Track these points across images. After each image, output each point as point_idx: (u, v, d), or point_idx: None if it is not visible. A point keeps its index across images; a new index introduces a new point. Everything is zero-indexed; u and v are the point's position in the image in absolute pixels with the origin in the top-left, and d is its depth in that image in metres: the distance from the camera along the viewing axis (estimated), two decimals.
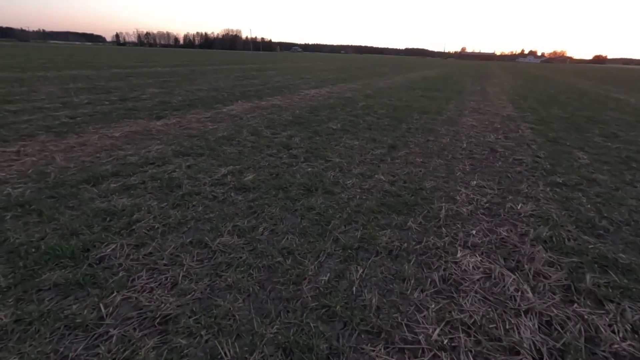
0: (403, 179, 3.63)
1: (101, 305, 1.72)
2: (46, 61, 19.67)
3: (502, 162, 4.44)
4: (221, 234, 2.43)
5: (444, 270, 2.11)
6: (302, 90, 11.28)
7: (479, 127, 6.57)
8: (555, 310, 1.79)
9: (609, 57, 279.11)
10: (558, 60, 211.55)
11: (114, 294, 1.80)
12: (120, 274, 1.96)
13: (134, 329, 1.60)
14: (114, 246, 2.21)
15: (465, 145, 5.16)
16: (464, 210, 2.96)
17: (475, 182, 3.66)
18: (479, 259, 2.24)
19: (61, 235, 2.30)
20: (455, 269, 2.11)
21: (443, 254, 2.28)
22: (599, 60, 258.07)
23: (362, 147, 4.81)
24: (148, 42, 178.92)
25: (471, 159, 4.53)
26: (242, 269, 2.05)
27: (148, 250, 2.20)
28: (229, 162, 3.97)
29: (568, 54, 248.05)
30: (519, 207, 3.04)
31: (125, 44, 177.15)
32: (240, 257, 2.17)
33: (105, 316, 1.67)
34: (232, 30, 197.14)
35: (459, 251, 2.32)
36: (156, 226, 2.49)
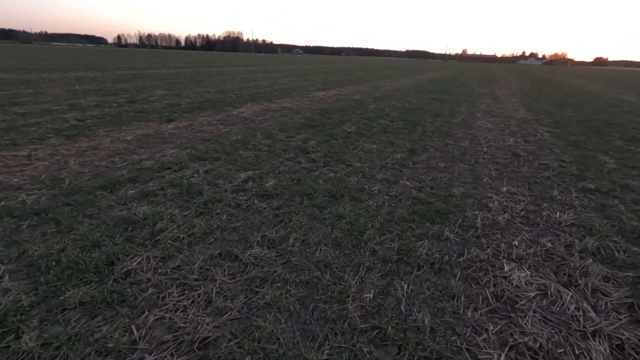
0: (430, 185, 3.49)
1: (133, 327, 1.58)
2: (50, 63, 19.61)
3: (528, 166, 4.30)
4: (250, 245, 2.29)
5: (494, 286, 1.97)
6: (310, 92, 11.15)
7: (495, 130, 6.42)
8: (625, 333, 1.64)
9: (610, 59, 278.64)
10: (559, 62, 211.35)
11: (146, 314, 1.66)
12: (150, 291, 1.82)
13: (172, 354, 1.46)
14: (139, 259, 2.07)
15: (486, 149, 5.02)
16: (500, 219, 2.82)
17: (505, 188, 3.51)
18: (528, 273, 2.09)
19: (82, 247, 2.16)
20: (506, 285, 1.97)
21: (489, 268, 2.14)
22: (600, 62, 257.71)
23: (381, 151, 4.67)
24: (150, 44, 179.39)
25: (495, 163, 4.38)
26: (278, 284, 1.91)
27: (176, 263, 2.07)
28: (247, 166, 3.84)
29: (569, 56, 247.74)
30: (557, 216, 2.89)
31: (127, 45, 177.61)
32: (275, 271, 2.03)
33: (138, 340, 1.53)
34: (233, 32, 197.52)
35: (505, 264, 2.17)
36: (181, 236, 2.35)
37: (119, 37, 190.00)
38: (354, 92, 11.88)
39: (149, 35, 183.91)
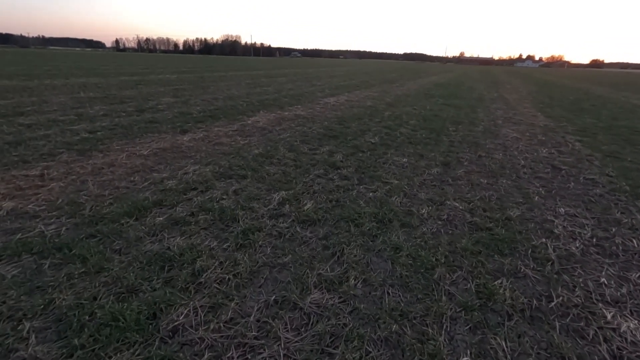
0: (481, 207, 3.21)
1: None
2: (51, 68, 19.30)
3: (574, 182, 4.02)
4: (308, 288, 2.00)
5: (606, 341, 1.68)
6: (320, 98, 10.89)
7: (523, 139, 6.16)
8: None
9: (606, 61, 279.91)
10: (556, 65, 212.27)
11: None
12: (207, 355, 1.53)
13: None
14: (185, 310, 1.78)
15: (522, 161, 4.75)
16: (573, 248, 2.54)
17: (562, 209, 3.24)
18: (637, 322, 1.81)
19: (117, 295, 1.87)
20: (619, 341, 1.68)
21: (589, 316, 1.85)
22: (596, 64, 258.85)
23: (414, 166, 4.40)
24: (148, 48, 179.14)
25: (538, 178, 4.11)
26: (354, 344, 1.62)
27: (228, 315, 1.77)
28: (278, 185, 3.55)
29: (566, 58, 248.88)
30: (635, 244, 2.62)
31: (125, 49, 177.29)
32: (344, 324, 1.74)
33: None
34: (231, 36, 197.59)
35: (605, 311, 1.89)
36: (226, 277, 2.06)
37: (117, 41, 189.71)
38: (363, 97, 11.63)
39: (147, 39, 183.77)
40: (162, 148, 4.70)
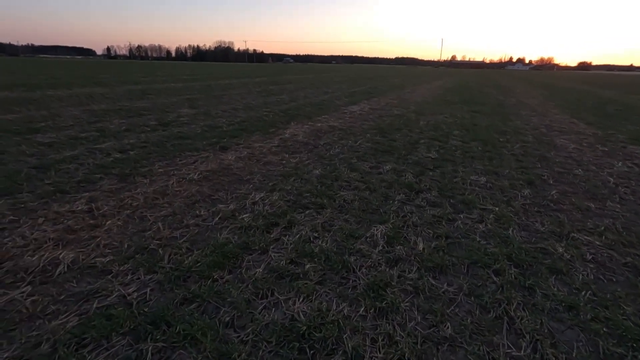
0: (619, 241, 2.74)
1: None
2: (48, 77, 18.59)
3: None
4: None
5: None
6: (342, 107, 10.44)
7: (585, 150, 5.76)
8: None
9: (594, 63, 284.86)
10: (546, 67, 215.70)
11: None
12: None
13: None
14: None
15: (610, 178, 4.32)
16: None
17: None
18: None
19: None
20: None
21: None
22: (584, 66, 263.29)
23: (498, 186, 3.93)
24: (140, 55, 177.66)
25: None
26: None
27: None
28: (367, 216, 3.05)
29: (555, 61, 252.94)
30: None
31: (116, 57, 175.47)
32: None
33: None
34: (224, 42, 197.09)
35: None
36: None
37: (108, 49, 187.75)
38: (385, 105, 11.21)
39: (139, 47, 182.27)
40: (210, 170, 4.17)
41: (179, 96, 11.90)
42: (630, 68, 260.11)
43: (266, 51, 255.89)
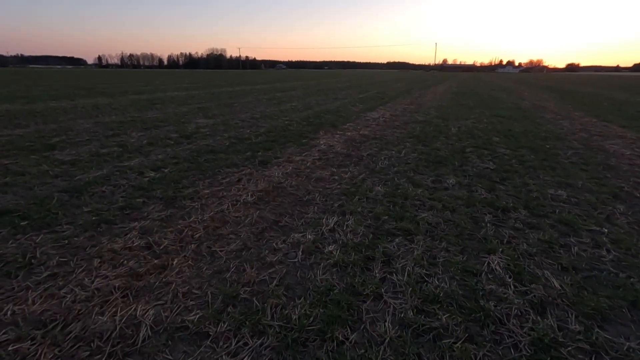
0: None
1: None
2: (47, 88, 18.00)
3: None
4: None
5: None
6: (360, 114, 10.08)
7: None
8: None
9: (582, 65, 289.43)
10: (535, 70, 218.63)
11: None
12: None
13: None
14: None
15: None
16: None
17: None
18: None
19: None
20: None
21: None
22: (572, 68, 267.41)
23: (584, 201, 3.57)
24: (132, 64, 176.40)
25: None
26: None
27: None
28: (465, 243, 2.65)
29: (544, 63, 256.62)
30: None
31: (108, 66, 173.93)
32: None
33: None
34: (216, 50, 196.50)
35: None
36: None
37: (99, 58, 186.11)
38: (403, 110, 10.87)
39: (131, 55, 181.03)
40: (263, 190, 3.74)
41: (188, 105, 11.45)
42: (617, 69, 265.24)
43: (258, 58, 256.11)
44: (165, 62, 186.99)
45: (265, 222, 3.00)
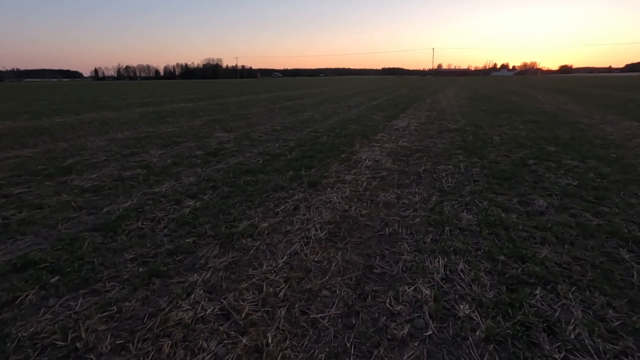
0: None
1: None
2: (48, 102, 17.41)
3: None
4: None
5: None
6: (386, 122, 9.54)
7: None
8: None
9: (575, 66, 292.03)
10: (529, 72, 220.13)
11: None
12: None
13: None
14: None
15: None
16: None
17: None
18: None
19: None
20: None
21: None
22: (566, 69, 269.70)
23: None
24: (128, 76, 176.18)
25: None
26: None
27: None
28: (623, 293, 2.05)
29: (538, 66, 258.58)
30: None
31: (104, 78, 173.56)
32: None
33: None
34: (212, 59, 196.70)
35: None
36: None
37: (95, 70, 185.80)
38: (428, 118, 10.33)
39: (127, 67, 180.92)
40: (332, 221, 3.14)
41: (200, 118, 10.88)
42: (610, 70, 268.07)
43: (254, 66, 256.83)
44: (162, 73, 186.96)
45: (355, 268, 2.40)
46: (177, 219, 3.20)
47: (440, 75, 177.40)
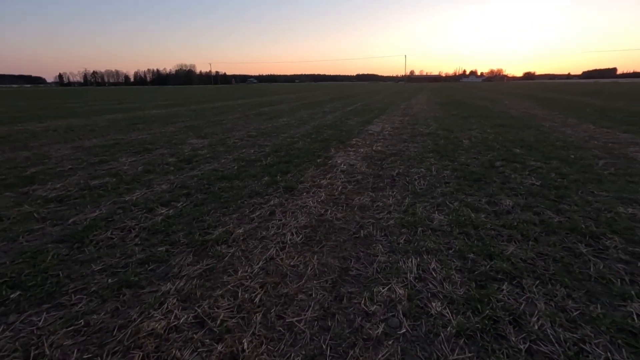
0: None
1: None
2: (7, 109, 16.48)
3: None
4: None
5: None
6: (360, 127, 9.69)
7: None
8: None
9: (537, 73, 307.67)
10: (497, 79, 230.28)
11: None
12: None
13: None
14: None
15: None
16: None
17: None
18: None
19: None
20: None
21: None
22: (529, 76, 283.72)
23: None
24: (96, 82, 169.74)
25: None
26: None
27: None
28: (599, 289, 2.19)
29: (504, 73, 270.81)
30: None
31: (70, 84, 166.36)
32: None
33: None
34: (185, 65, 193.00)
35: None
36: None
37: (60, 76, 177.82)
38: (401, 123, 10.58)
39: (95, 72, 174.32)
40: (308, 226, 3.15)
41: (174, 124, 10.65)
42: (569, 76, 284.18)
43: (228, 72, 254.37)
44: (132, 79, 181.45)
45: (331, 271, 2.42)
46: (149, 228, 3.12)
47: (412, 81, 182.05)
